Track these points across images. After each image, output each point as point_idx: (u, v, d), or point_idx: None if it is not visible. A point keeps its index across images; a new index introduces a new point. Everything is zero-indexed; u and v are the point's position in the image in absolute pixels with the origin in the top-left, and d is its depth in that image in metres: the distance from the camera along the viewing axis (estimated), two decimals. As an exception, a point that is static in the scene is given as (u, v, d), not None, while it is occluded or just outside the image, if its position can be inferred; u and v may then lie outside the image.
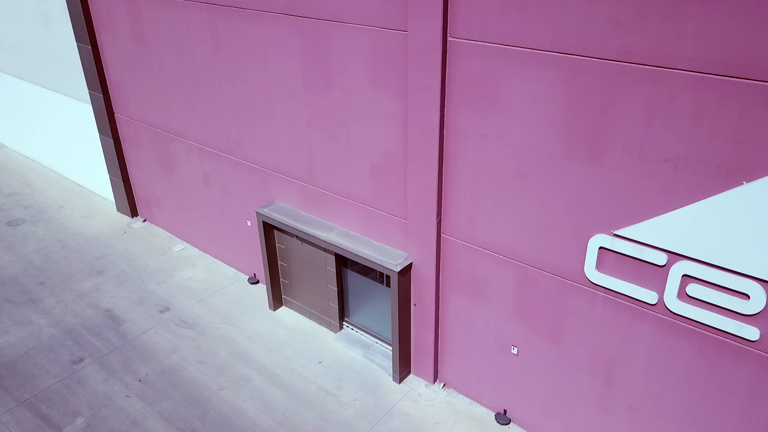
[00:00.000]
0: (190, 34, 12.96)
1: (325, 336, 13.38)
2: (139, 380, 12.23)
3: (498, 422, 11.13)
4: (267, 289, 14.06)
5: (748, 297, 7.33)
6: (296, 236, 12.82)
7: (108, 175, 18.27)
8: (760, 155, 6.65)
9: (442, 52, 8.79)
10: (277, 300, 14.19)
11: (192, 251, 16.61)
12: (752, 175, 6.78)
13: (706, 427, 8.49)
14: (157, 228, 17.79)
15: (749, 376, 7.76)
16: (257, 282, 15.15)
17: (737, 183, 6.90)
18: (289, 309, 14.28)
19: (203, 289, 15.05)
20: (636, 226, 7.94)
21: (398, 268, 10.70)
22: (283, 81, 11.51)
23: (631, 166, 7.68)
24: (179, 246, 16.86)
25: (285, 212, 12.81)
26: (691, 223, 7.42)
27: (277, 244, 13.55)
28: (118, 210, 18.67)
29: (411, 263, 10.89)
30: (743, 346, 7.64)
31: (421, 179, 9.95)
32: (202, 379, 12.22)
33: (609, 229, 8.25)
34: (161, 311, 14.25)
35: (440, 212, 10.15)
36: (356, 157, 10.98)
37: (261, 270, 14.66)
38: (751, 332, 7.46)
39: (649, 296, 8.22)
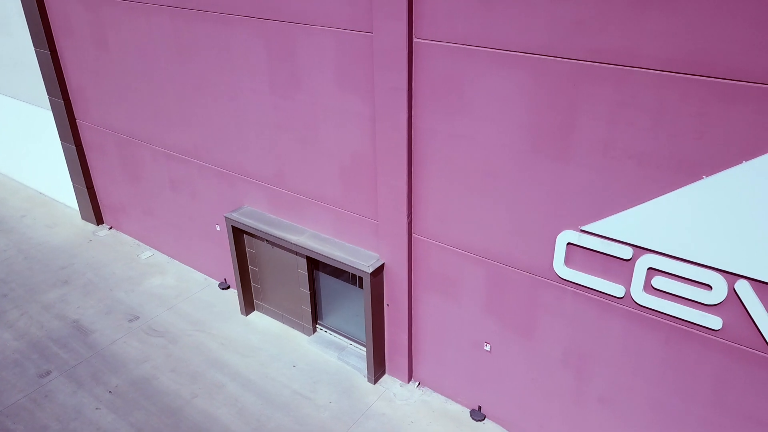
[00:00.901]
0: (152, 38, 12.75)
1: (298, 339, 13.32)
2: (110, 391, 11.99)
3: (473, 419, 11.23)
4: (238, 294, 13.93)
5: (711, 288, 7.54)
6: (267, 240, 12.73)
7: (71, 183, 17.86)
8: (718, 150, 6.85)
9: (408, 53, 8.82)
10: (248, 305, 14.06)
11: (161, 258, 16.34)
12: (712, 170, 6.97)
13: (675, 416, 8.71)
14: (124, 235, 17.46)
15: (714, 364, 7.99)
16: (228, 287, 14.99)
17: (698, 177, 7.10)
18: (261, 313, 14.17)
19: (173, 296, 14.82)
20: (602, 221, 8.10)
21: (370, 270, 10.71)
22: (249, 84, 11.42)
23: (596, 163, 7.83)
24: (147, 253, 16.58)
25: (255, 216, 12.70)
26: (655, 218, 7.61)
27: (247, 249, 13.43)
28: (82, 218, 18.26)
29: (383, 264, 10.91)
30: (707, 335, 7.86)
31: (391, 180, 9.98)
32: (175, 388, 12.05)
33: (576, 225, 8.40)
34: (130, 320, 13.99)
35: (411, 212, 10.19)
36: (325, 159, 10.96)
37: (232, 275, 14.51)
38: (715, 321, 7.68)
39: (617, 290, 8.39)
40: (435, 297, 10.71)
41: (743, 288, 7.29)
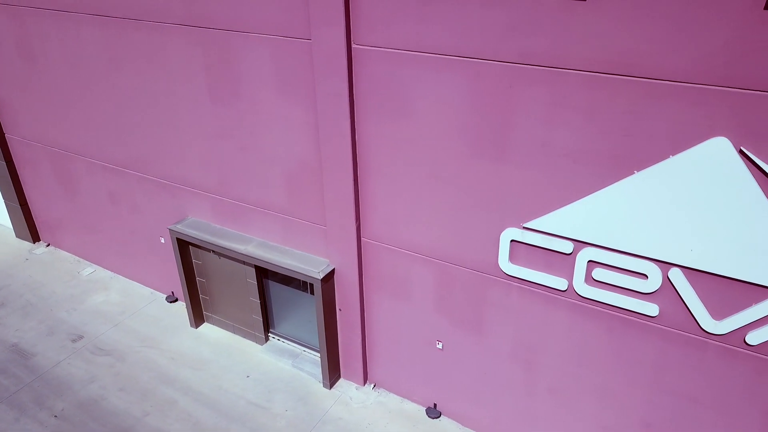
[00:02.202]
0: (83, 48, 12.33)
1: (251, 349, 13.17)
2: (55, 416, 11.56)
3: (429, 416, 11.39)
4: (187, 307, 13.66)
5: (647, 277, 7.90)
6: (213, 251, 12.53)
7: (3, 200, 17.06)
8: (647, 146, 7.18)
9: (348, 59, 8.86)
10: (198, 317, 13.81)
11: (103, 274, 15.84)
12: (642, 165, 7.31)
13: (620, 401, 9.09)
14: (63, 252, 16.83)
15: (654, 350, 8.38)
16: (176, 300, 14.67)
17: (629, 172, 7.43)
18: (211, 325, 13.94)
19: (118, 312, 14.40)
20: (543, 218, 8.36)
21: (321, 276, 10.70)
22: (187, 93, 11.20)
23: (534, 162, 8.08)
24: (89, 269, 16.03)
25: (199, 227, 12.49)
26: (592, 212, 7.91)
27: (193, 260, 13.19)
28: (17, 236, 17.49)
29: (333, 269, 10.92)
30: (646, 322, 8.23)
31: (338, 185, 10.00)
32: (125, 407, 11.72)
33: (519, 222, 8.63)
34: (74, 340, 13.52)
35: (359, 217, 10.24)
36: (270, 166, 10.87)
37: (179, 288, 14.21)
38: (652, 309, 8.06)
39: (560, 283, 8.68)
40: (387, 299, 10.81)
41: (676, 276, 7.68)
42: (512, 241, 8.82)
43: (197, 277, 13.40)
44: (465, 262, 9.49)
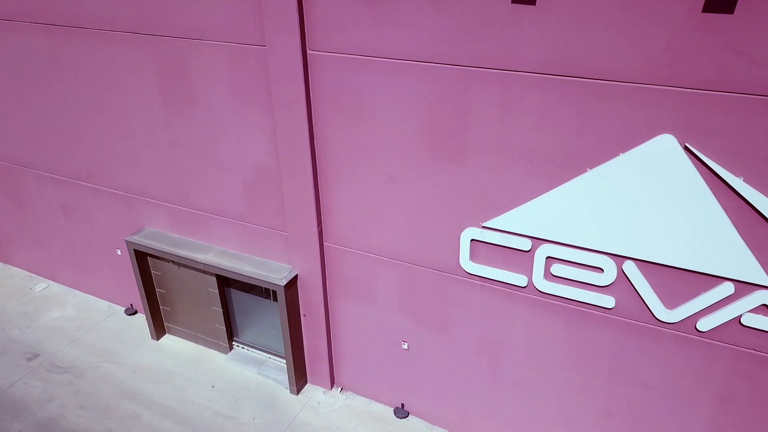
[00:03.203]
0: (28, 58, 11.95)
1: (215, 359, 13.02)
2: (12, 439, 11.20)
3: (397, 417, 11.49)
4: (147, 319, 13.40)
5: (602, 270, 8.17)
6: (172, 261, 12.33)
7: (-54, 217, 16.37)
8: (598, 144, 7.43)
9: (303, 65, 8.86)
10: (159, 329, 13.56)
11: (57, 288, 15.38)
12: (594, 162, 7.56)
13: (581, 391, 9.37)
14: (13, 268, 16.25)
15: (611, 340, 8.67)
16: (135, 312, 14.37)
17: (582, 170, 7.67)
18: (173, 336, 13.71)
19: (75, 327, 14.01)
20: (501, 217, 8.55)
21: (284, 282, 10.67)
22: (139, 102, 10.99)
23: (491, 163, 8.25)
24: (41, 285, 15.54)
25: (157, 237, 12.27)
26: (549, 210, 8.13)
27: (152, 271, 12.94)
28: (-37, 254, 16.82)
29: (296, 275, 10.90)
30: (603, 314, 8.51)
31: (298, 191, 9.99)
32: (86, 425, 11.43)
33: (478, 222, 8.80)
34: (29, 359, 13.09)
35: (320, 221, 10.25)
36: (228, 174, 10.77)
37: (138, 300, 13.91)
38: (608, 301, 8.34)
39: (520, 279, 8.89)
40: (351, 302, 10.85)
41: (630, 268, 7.97)
42: (472, 240, 8.98)
43: (157, 288, 13.15)
44: (427, 262, 9.61)
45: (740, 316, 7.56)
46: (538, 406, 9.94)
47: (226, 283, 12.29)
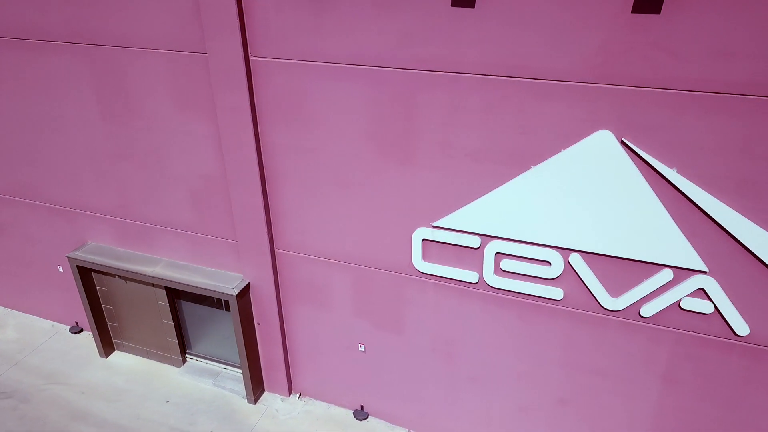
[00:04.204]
0: (-48, 71, 11.37)
1: (168, 373, 12.72)
2: (-46, 471, 10.65)
3: (357, 419, 11.52)
4: (94, 337, 12.97)
5: (550, 263, 8.42)
6: (118, 276, 11.97)
7: None
8: (540, 142, 7.66)
9: (246, 71, 8.76)
10: (107, 346, 13.15)
11: (-5, 310, 14.71)
12: (537, 160, 7.78)
13: (535, 382, 9.62)
14: (-54, 291, 15.43)
15: (562, 330, 8.95)
16: (81, 330, 13.88)
17: (526, 168, 7.88)
18: (123, 353, 13.31)
19: (17, 350, 13.42)
20: (451, 216, 8.69)
21: (235, 292, 10.52)
22: (77, 113, 10.61)
23: (438, 163, 8.37)
24: (-22, 307, 14.83)
25: (101, 252, 11.89)
26: (496, 207, 8.32)
27: (97, 287, 12.54)
28: None
29: (248, 284, 10.77)
30: (553, 305, 8.77)
31: (246, 198, 9.87)
32: (34, 452, 10.99)
33: (428, 221, 8.92)
34: (-32, 386, 12.48)
35: (271, 228, 10.16)
36: (173, 183, 10.54)
37: (83, 317, 13.43)
38: (557, 293, 8.60)
39: (471, 276, 9.06)
40: (306, 308, 10.80)
41: (576, 260, 8.24)
42: (424, 240, 9.10)
43: (103, 304, 12.75)
44: (380, 264, 9.67)
45: (680, 300, 7.94)
46: (495, 398, 10.16)
47: (177, 295, 12.02)
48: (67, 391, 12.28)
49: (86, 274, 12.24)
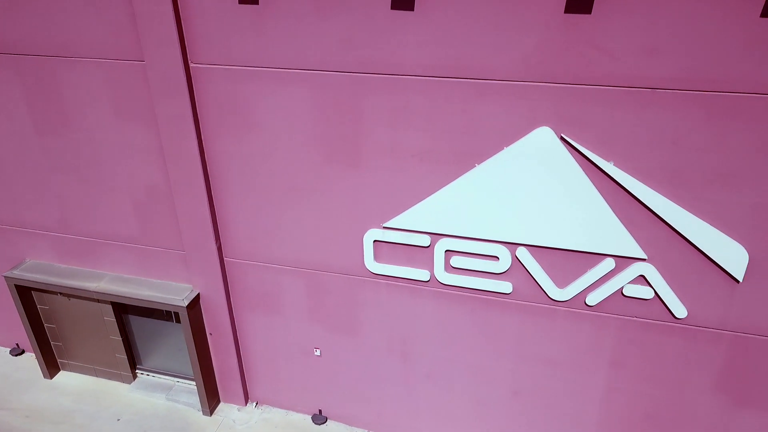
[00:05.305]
0: None
1: (118, 390, 12.34)
2: None
3: (315, 423, 11.48)
4: (37, 358, 12.46)
5: (498, 258, 8.63)
6: (60, 293, 11.54)
7: None
8: (483, 141, 7.83)
9: (187, 78, 8.61)
10: (51, 367, 12.65)
11: (-73, 337, 13.91)
12: (481, 158, 7.96)
13: (490, 376, 9.83)
14: None
15: (513, 323, 9.17)
16: (23, 352, 13.30)
17: (471, 166, 8.05)
18: (69, 372, 12.84)
19: (-47, 377, 12.77)
20: (400, 216, 8.78)
21: (185, 303, 10.32)
22: (8, 126, 10.17)
23: (386, 165, 8.44)
24: None
25: (41, 269, 11.43)
26: (444, 206, 8.46)
27: (38, 306, 12.05)
28: None
29: (198, 294, 10.57)
30: (503, 299, 8.98)
31: (192, 208, 9.69)
32: (-23, 482, 10.48)
33: (379, 222, 8.98)
34: None
35: (218, 237, 10.01)
36: (115, 195, 10.23)
37: (24, 338, 12.87)
38: (506, 286, 8.81)
39: (423, 275, 9.18)
40: (259, 315, 10.69)
41: (523, 254, 8.47)
42: (375, 241, 9.15)
43: (45, 323, 12.26)
44: (333, 267, 9.67)
45: (622, 288, 8.27)
46: (451, 394, 10.32)
47: (124, 309, 11.69)
48: (10, 416, 11.75)
49: (26, 293, 11.75)
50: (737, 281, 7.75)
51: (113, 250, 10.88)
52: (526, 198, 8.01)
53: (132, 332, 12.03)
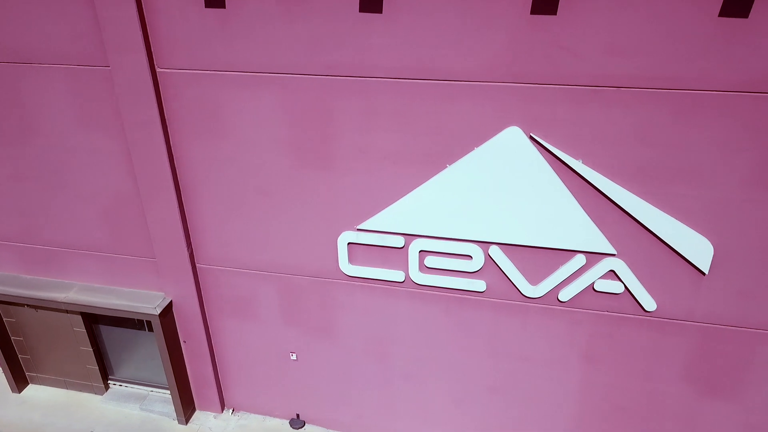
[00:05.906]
0: None
1: (90, 402, 12.10)
2: None
3: (293, 428, 11.42)
4: (4, 372, 12.15)
5: (471, 257, 8.70)
6: (27, 305, 11.26)
7: None
8: (454, 141, 7.89)
9: (154, 84, 8.49)
10: (20, 380, 12.34)
11: None
12: (452, 159, 8.01)
13: (466, 373, 9.90)
14: None
15: (487, 321, 9.26)
16: (-11, 366, 12.96)
17: (443, 167, 8.10)
18: (38, 386, 12.54)
19: None
20: (374, 218, 8.79)
21: (158, 311, 10.16)
22: (-32, 135, 9.90)
23: (358, 167, 8.44)
24: None
25: (5, 281, 11.14)
26: (417, 206, 8.50)
27: (4, 319, 11.73)
28: None
29: (171, 302, 10.43)
30: (477, 297, 9.06)
31: (162, 214, 9.55)
32: (-56, 503, 10.16)
33: (353, 225, 8.98)
34: None
35: (190, 243, 9.89)
36: (82, 203, 10.03)
37: (-9, 352, 12.54)
38: (480, 285, 8.90)
39: (397, 275, 9.20)
40: (233, 321, 10.59)
41: (495, 252, 8.55)
42: (349, 243, 9.15)
43: (12, 336, 11.95)
44: (307, 270, 9.64)
45: (593, 283, 8.42)
46: (429, 393, 10.37)
47: (94, 319, 11.46)
48: (-22, 433, 11.45)
49: (-9, 306, 11.45)
50: (703, 273, 7.95)
51: (81, 259, 10.66)
52: (498, 197, 8.10)
53: (103, 342, 11.81)
